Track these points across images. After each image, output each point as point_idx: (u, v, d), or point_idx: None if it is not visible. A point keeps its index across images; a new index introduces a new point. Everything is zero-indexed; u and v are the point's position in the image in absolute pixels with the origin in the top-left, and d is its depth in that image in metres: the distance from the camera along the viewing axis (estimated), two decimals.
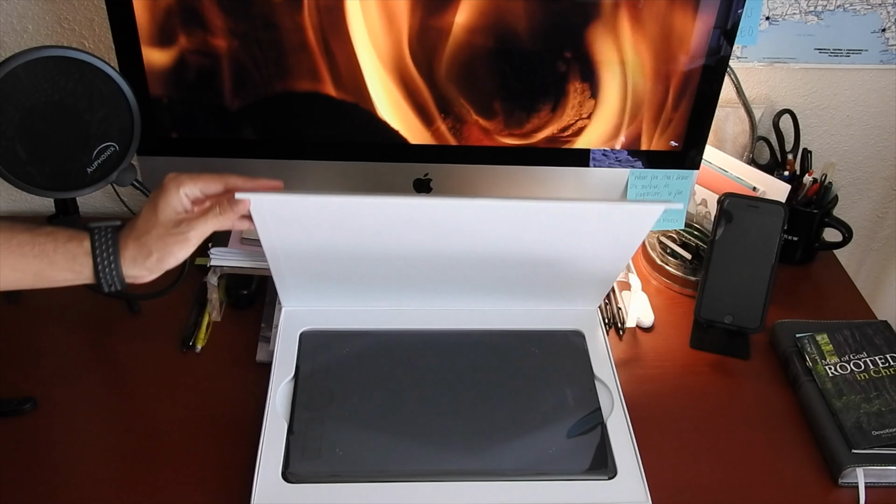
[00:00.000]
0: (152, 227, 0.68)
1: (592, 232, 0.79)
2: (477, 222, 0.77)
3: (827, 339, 0.92)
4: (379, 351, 0.85)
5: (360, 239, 0.77)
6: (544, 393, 0.82)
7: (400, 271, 0.83)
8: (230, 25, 0.80)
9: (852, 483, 0.79)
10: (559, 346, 0.87)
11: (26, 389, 0.84)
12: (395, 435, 0.77)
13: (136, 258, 0.67)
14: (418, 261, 0.81)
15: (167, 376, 0.88)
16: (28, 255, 0.63)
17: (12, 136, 0.74)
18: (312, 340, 0.85)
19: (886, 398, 0.85)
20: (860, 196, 1.27)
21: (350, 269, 0.82)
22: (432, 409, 0.80)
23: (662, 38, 0.84)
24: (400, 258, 0.80)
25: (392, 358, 0.85)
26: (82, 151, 0.78)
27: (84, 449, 0.79)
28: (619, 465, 0.75)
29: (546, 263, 0.82)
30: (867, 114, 1.17)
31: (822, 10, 1.06)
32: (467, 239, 0.78)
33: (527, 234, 0.78)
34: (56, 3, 0.99)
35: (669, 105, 0.89)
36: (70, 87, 0.75)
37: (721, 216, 0.96)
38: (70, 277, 0.66)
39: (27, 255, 0.63)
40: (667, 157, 0.92)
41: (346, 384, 0.81)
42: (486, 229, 0.77)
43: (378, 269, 0.82)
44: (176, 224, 0.68)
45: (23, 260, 0.63)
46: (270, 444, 0.74)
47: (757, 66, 1.11)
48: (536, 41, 0.83)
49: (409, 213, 0.75)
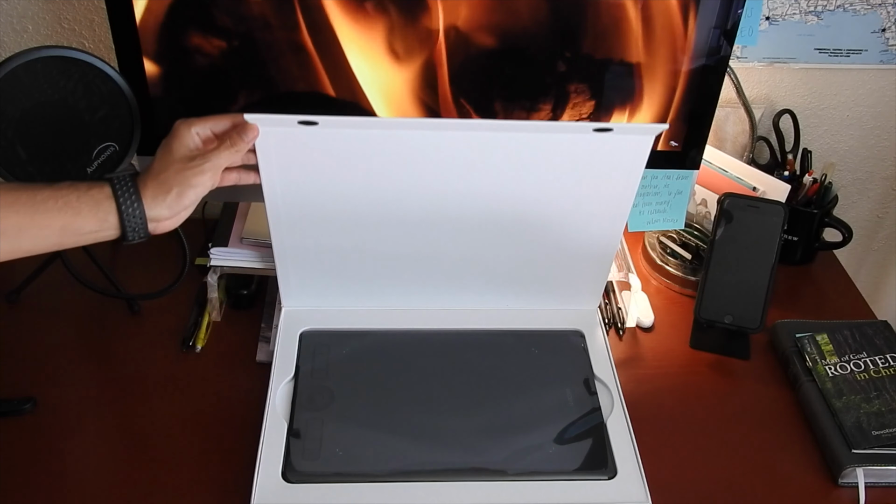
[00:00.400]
0: (169, 164, 0.69)
1: (588, 166, 0.77)
2: (479, 154, 0.76)
3: (827, 339, 0.92)
4: (379, 351, 0.85)
5: (361, 180, 0.77)
6: (544, 393, 0.82)
7: (401, 239, 0.82)
8: (230, 25, 0.80)
9: (852, 483, 0.79)
10: (559, 347, 0.87)
11: (26, 389, 0.84)
12: (395, 435, 0.77)
13: (156, 196, 0.68)
14: (420, 220, 0.80)
15: (167, 376, 0.88)
16: (52, 209, 0.64)
17: (12, 136, 0.74)
18: (312, 340, 0.85)
19: (886, 398, 0.85)
20: (860, 196, 1.27)
21: (350, 230, 0.81)
22: (432, 409, 0.80)
23: (662, 38, 0.84)
24: (402, 215, 0.80)
25: (392, 358, 0.85)
26: (82, 151, 0.78)
27: (84, 449, 0.79)
28: (619, 465, 0.75)
29: (547, 223, 0.82)
30: (867, 114, 1.17)
31: (822, 10, 1.06)
32: (468, 177, 0.77)
33: (525, 174, 0.78)
34: (56, 3, 0.99)
35: (669, 105, 0.89)
36: (70, 87, 0.75)
37: (721, 216, 0.96)
38: (95, 227, 0.67)
39: (51, 210, 0.64)
40: (667, 157, 0.92)
41: (346, 384, 0.81)
42: (489, 164, 0.77)
43: (379, 232, 0.82)
44: (191, 159, 0.70)
45: (47, 216, 0.64)
46: (270, 444, 0.74)
47: (757, 66, 1.11)
48: (536, 41, 0.83)
49: (416, 142, 0.75)
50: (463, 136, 0.75)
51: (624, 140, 0.76)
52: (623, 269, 0.98)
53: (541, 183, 0.79)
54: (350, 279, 0.86)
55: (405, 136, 0.75)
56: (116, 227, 0.67)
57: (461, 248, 0.84)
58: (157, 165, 0.70)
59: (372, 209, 0.80)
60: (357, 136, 0.74)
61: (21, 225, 0.63)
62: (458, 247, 0.84)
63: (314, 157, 0.75)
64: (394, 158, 0.76)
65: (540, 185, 0.79)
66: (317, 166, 0.76)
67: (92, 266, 0.94)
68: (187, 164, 0.69)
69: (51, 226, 0.64)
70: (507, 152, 0.76)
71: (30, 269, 0.95)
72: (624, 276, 0.97)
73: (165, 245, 1.01)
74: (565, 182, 0.79)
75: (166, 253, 0.96)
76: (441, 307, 0.89)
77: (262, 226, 0.93)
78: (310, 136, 0.74)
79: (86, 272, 0.93)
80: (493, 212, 0.81)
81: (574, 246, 0.85)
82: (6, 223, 0.63)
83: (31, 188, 0.65)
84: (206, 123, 0.72)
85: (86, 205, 0.66)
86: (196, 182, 0.69)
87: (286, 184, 0.77)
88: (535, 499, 0.72)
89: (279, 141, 0.74)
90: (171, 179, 0.68)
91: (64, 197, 0.65)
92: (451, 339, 0.87)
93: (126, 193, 0.67)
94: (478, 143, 0.76)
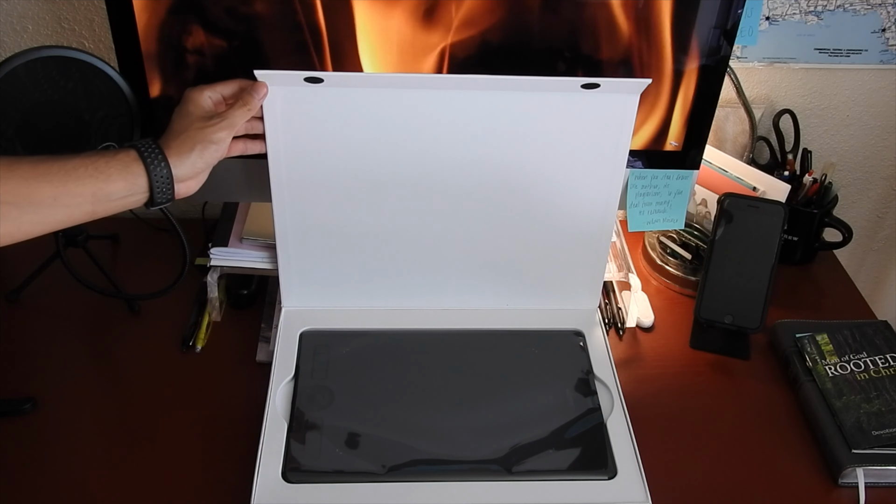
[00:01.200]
0: (188, 124, 0.72)
1: (578, 124, 0.80)
2: (478, 115, 0.79)
3: (827, 339, 0.92)
4: (379, 351, 0.85)
5: (362, 141, 0.79)
6: (544, 393, 0.82)
7: (396, 205, 0.83)
8: (230, 25, 0.80)
9: (852, 483, 0.79)
10: (559, 346, 0.87)
11: (26, 389, 0.84)
12: (395, 434, 0.77)
13: (180, 154, 0.70)
14: (416, 182, 0.82)
15: (167, 376, 0.88)
16: (83, 176, 0.65)
17: (12, 136, 0.74)
18: (312, 340, 0.85)
19: (886, 398, 0.85)
20: (860, 196, 1.27)
21: (349, 195, 0.83)
22: (432, 408, 0.80)
23: (662, 38, 0.84)
24: (399, 178, 0.81)
25: (392, 358, 0.85)
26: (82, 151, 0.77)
27: (84, 449, 0.79)
28: (619, 465, 0.75)
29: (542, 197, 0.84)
30: (867, 114, 1.17)
31: (822, 10, 1.06)
32: (468, 139, 0.80)
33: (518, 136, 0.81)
34: (56, 3, 0.99)
35: (669, 105, 0.89)
36: (70, 87, 0.75)
37: (721, 216, 0.96)
38: (125, 191, 0.68)
39: (82, 178, 0.65)
40: (667, 157, 0.92)
41: (346, 384, 0.81)
42: (486, 126, 0.79)
43: (376, 197, 0.83)
44: (209, 118, 0.73)
45: (79, 182, 0.65)
46: (270, 444, 0.74)
47: (757, 66, 1.11)
48: (536, 40, 0.83)
49: (421, 101, 0.78)
50: (464, 95, 0.78)
51: (611, 99, 0.79)
52: (623, 269, 0.98)
53: (533, 146, 0.81)
54: (350, 263, 0.87)
55: (405, 95, 0.78)
56: (146, 190, 0.69)
57: (457, 215, 0.85)
58: (177, 126, 0.72)
59: (371, 171, 0.81)
60: (359, 94, 0.78)
61: (56, 195, 0.64)
62: (454, 215, 0.85)
63: (317, 116, 0.78)
64: (395, 119, 0.79)
65: (532, 148, 0.81)
66: (319, 125, 0.79)
67: (92, 266, 0.94)
68: (206, 123, 0.72)
69: (83, 193, 0.66)
70: (506, 112, 0.79)
71: (30, 269, 0.95)
72: (624, 276, 0.97)
73: (165, 245, 1.02)
74: (558, 148, 0.81)
75: (166, 253, 0.96)
76: (441, 307, 0.89)
77: (262, 226, 0.93)
78: (314, 96, 0.77)
79: (86, 272, 0.93)
80: (489, 178, 0.82)
81: (569, 225, 0.86)
82: (41, 194, 0.64)
83: (60, 158, 0.66)
84: (215, 88, 0.75)
85: (115, 169, 0.67)
86: (216, 138, 0.72)
87: (289, 145, 0.79)
88: (535, 499, 0.72)
89: (285, 100, 0.77)
90: (192, 137, 0.71)
91: (93, 163, 0.66)
92: (451, 338, 0.87)
93: (152, 155, 0.69)
94: (476, 104, 0.79)
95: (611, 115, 0.80)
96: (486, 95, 0.78)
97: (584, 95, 0.79)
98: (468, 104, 0.79)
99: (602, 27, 0.83)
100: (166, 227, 0.92)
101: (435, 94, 0.78)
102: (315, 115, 0.78)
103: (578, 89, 0.78)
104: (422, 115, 0.79)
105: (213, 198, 0.74)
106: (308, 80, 0.76)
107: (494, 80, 0.78)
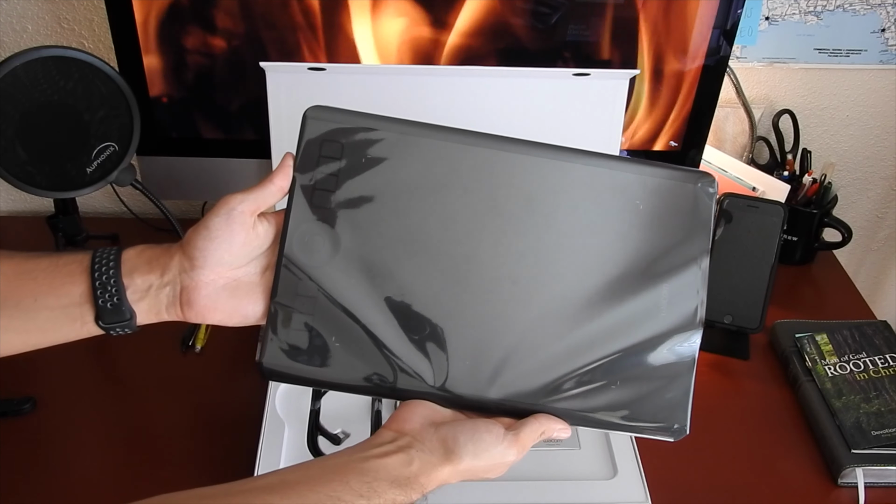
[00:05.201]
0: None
1: (571, 110, 0.83)
2: (475, 100, 0.82)
3: (826, 339, 0.92)
4: (414, 175, 0.56)
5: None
6: (631, 284, 0.55)
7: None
8: (230, 25, 0.80)
9: (852, 483, 0.79)
10: (677, 205, 0.55)
11: (26, 389, 0.84)
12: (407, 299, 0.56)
13: None
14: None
15: (167, 376, 0.88)
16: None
17: (12, 136, 0.74)
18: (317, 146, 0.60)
19: (886, 398, 0.85)
20: (860, 196, 1.27)
21: None
22: (475, 286, 0.55)
23: (662, 39, 0.84)
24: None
25: (434, 189, 0.56)
26: (82, 151, 0.78)
27: (84, 449, 0.79)
28: (619, 465, 0.75)
29: None
30: (867, 114, 1.18)
31: (821, 10, 1.06)
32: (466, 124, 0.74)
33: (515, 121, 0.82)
34: (56, 3, 0.99)
35: (669, 105, 0.89)
36: (70, 87, 0.75)
37: (721, 216, 0.96)
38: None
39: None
40: (667, 157, 0.92)
41: (360, 221, 0.56)
42: (483, 112, 0.82)
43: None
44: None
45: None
46: (270, 444, 0.74)
47: (757, 66, 1.11)
48: (535, 40, 0.83)
49: (420, 87, 0.80)
50: (461, 82, 0.81)
51: (601, 85, 0.83)
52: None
53: (530, 132, 0.80)
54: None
55: (404, 81, 0.81)
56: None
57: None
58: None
59: None
60: (360, 81, 0.81)
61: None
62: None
63: (319, 102, 0.78)
64: (395, 105, 0.80)
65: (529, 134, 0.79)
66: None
67: None
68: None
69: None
70: (502, 98, 0.82)
71: None
72: None
73: None
74: (555, 132, 0.83)
75: None
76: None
77: None
78: (318, 84, 0.80)
79: None
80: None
81: None
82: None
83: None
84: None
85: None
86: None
87: (293, 132, 0.78)
88: (536, 498, 0.72)
89: (290, 87, 0.80)
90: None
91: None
92: (522, 164, 0.60)
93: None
94: (474, 90, 0.81)
95: (603, 100, 0.84)
96: (484, 82, 0.81)
97: (577, 82, 0.82)
98: (466, 91, 0.81)
99: (602, 27, 0.83)
100: (166, 227, 0.92)
101: (432, 80, 0.81)
102: (318, 102, 0.78)
103: (570, 77, 0.81)
104: (420, 100, 0.81)
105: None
106: (311, 69, 0.79)
107: (490, 70, 0.80)
